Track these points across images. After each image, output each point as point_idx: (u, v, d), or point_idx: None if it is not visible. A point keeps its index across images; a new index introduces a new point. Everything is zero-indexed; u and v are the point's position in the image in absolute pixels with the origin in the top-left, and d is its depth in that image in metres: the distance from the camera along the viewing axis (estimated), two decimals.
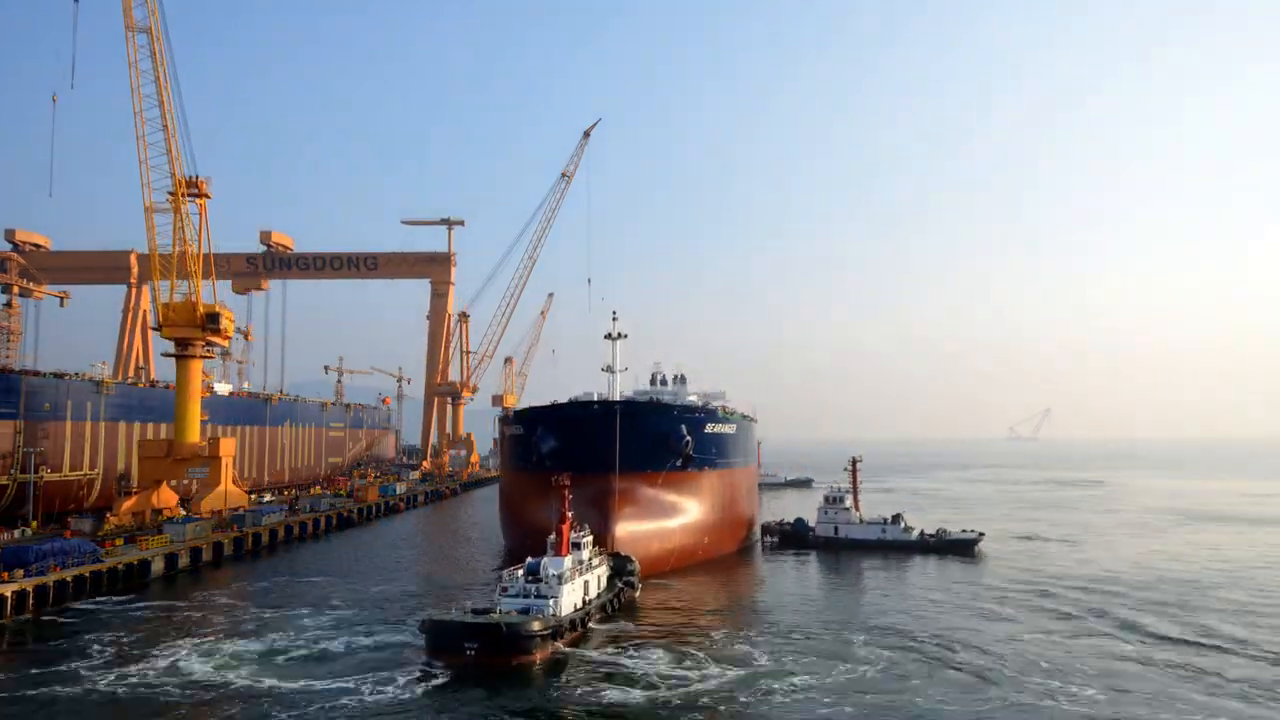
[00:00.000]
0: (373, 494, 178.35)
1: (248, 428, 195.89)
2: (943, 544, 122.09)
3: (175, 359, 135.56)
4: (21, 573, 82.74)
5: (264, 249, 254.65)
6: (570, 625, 69.97)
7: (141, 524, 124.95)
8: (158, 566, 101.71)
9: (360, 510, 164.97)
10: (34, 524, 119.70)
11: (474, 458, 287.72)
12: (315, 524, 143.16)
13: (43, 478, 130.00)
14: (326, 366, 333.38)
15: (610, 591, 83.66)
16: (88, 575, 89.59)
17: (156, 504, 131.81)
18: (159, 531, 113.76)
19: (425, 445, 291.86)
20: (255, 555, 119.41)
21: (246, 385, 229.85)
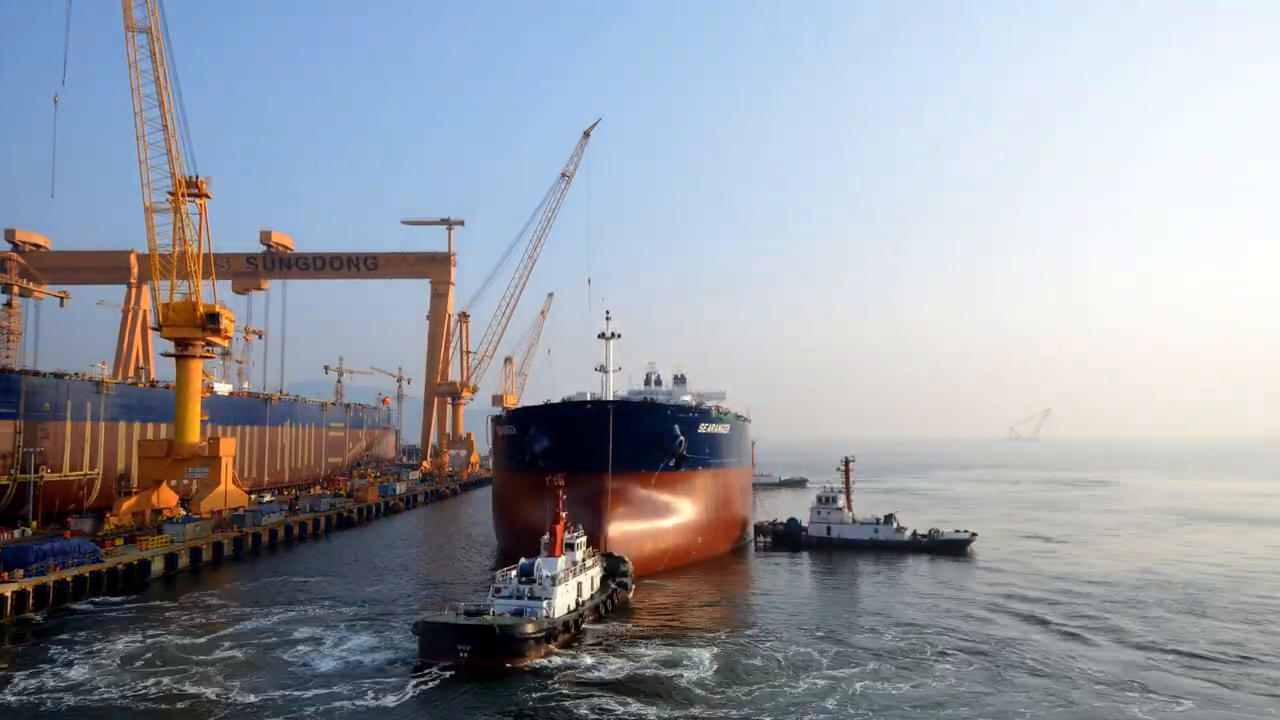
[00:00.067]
0: (372, 494, 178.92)
1: (248, 428, 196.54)
2: (935, 544, 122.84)
3: (175, 359, 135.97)
4: (21, 573, 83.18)
5: (264, 249, 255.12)
6: (564, 626, 70.04)
7: (141, 524, 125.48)
8: (158, 567, 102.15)
9: (360, 510, 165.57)
10: (34, 524, 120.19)
11: (474, 458, 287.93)
12: (315, 524, 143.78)
13: (43, 478, 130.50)
14: (326, 366, 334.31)
15: (604, 592, 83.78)
16: (88, 575, 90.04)
17: (156, 504, 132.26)
18: (159, 531, 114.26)
19: (425, 445, 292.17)
20: (255, 555, 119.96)
21: (246, 385, 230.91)
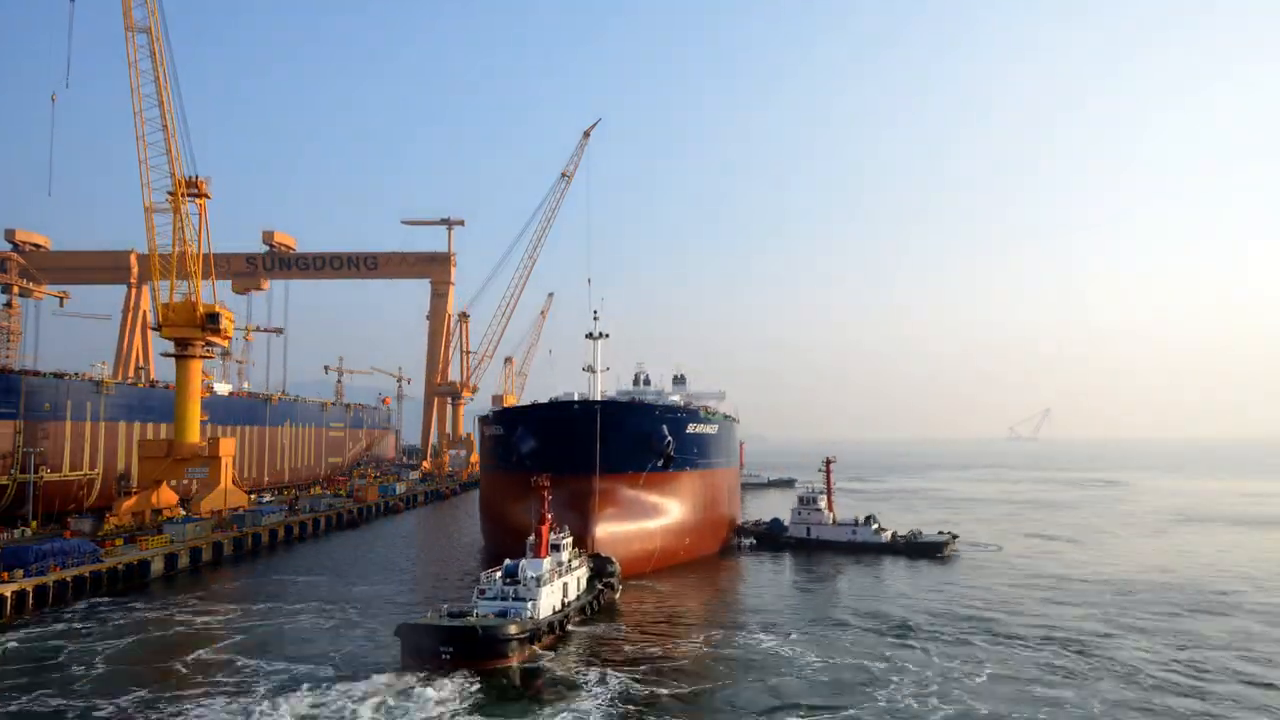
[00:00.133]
0: (372, 494, 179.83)
1: (247, 428, 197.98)
2: (912, 546, 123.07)
3: (175, 359, 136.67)
4: (21, 573, 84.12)
5: (265, 249, 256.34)
6: (549, 628, 69.77)
7: (141, 524, 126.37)
8: (157, 566, 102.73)
9: (360, 510, 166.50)
10: (34, 524, 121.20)
11: (474, 458, 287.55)
12: (315, 524, 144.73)
13: (43, 478, 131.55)
14: (326, 366, 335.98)
15: (590, 593, 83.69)
16: (87, 575, 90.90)
17: (156, 504, 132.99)
18: (159, 531, 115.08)
19: (425, 445, 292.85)
20: (255, 555, 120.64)
21: (246, 385, 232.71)
